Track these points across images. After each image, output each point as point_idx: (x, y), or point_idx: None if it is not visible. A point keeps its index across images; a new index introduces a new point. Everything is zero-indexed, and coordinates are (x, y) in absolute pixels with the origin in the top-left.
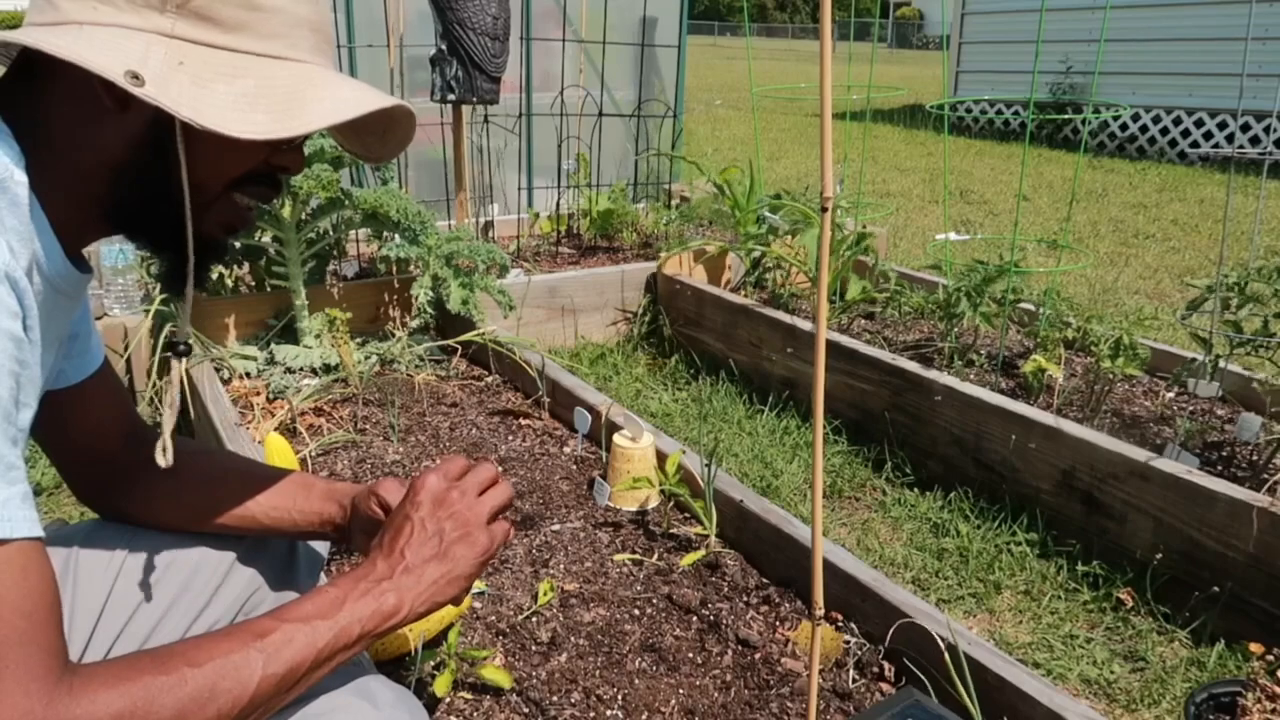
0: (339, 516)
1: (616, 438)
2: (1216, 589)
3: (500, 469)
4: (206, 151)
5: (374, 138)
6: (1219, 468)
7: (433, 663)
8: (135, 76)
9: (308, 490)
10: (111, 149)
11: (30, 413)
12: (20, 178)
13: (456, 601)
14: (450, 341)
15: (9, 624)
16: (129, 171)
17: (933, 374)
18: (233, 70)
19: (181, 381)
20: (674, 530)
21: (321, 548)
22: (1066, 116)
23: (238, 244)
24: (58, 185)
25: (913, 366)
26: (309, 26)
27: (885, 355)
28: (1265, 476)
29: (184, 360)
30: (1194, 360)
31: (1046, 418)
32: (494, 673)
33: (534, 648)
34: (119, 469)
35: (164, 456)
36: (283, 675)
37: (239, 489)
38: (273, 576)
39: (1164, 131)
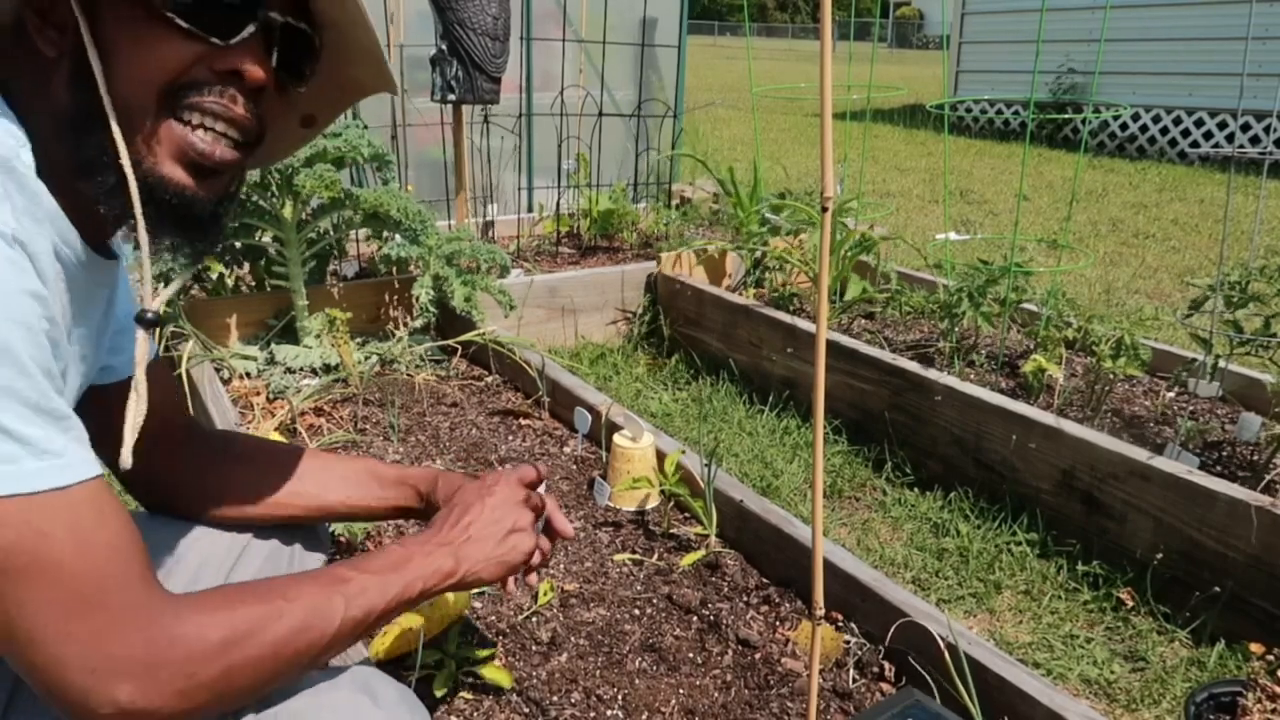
0: (414, 501)
1: (616, 438)
2: (1217, 589)
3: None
4: (122, 62)
5: (368, 59)
6: (1219, 468)
7: (433, 662)
8: None
9: (380, 479)
10: (59, 100)
11: (77, 381)
12: (27, 159)
13: (507, 574)
14: (450, 341)
15: (103, 564)
16: (71, 117)
17: (933, 374)
18: None
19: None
20: (674, 530)
21: (322, 550)
22: (1066, 116)
23: (238, 244)
24: (56, 167)
25: (913, 366)
26: None
27: (885, 355)
28: (1265, 476)
29: (154, 330)
30: (1194, 360)
31: (1047, 418)
32: (494, 673)
33: (534, 648)
34: (179, 462)
35: (127, 457)
36: (359, 619)
37: (313, 479)
38: (271, 577)
39: (1164, 131)
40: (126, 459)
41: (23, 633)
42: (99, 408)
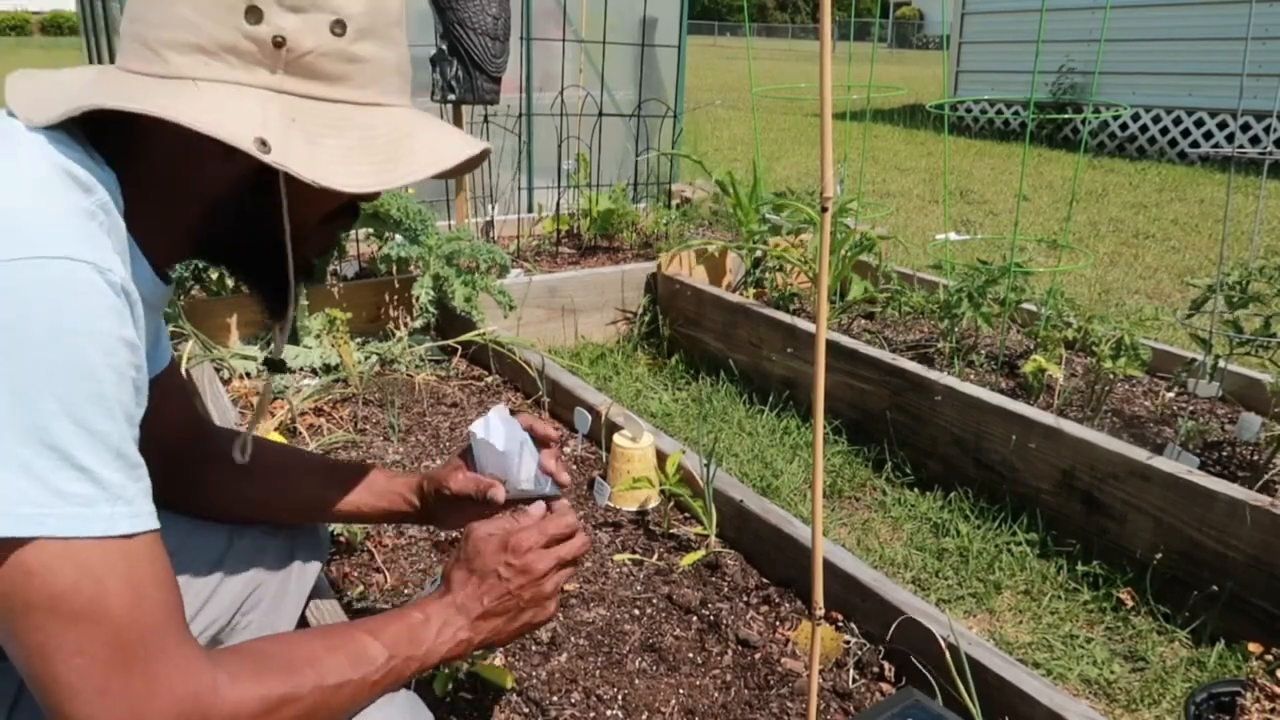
0: (404, 506)
1: (616, 438)
2: (1216, 589)
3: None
4: (306, 193)
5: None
6: (1219, 468)
7: None
8: (263, 143)
9: (370, 485)
10: (211, 187)
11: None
12: (120, 204)
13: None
14: (450, 342)
15: (151, 621)
16: (226, 208)
17: (933, 374)
18: (337, 122)
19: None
20: (674, 530)
21: (321, 555)
22: (1066, 116)
23: None
24: (152, 213)
25: (913, 366)
26: (394, 70)
27: (885, 355)
28: (1265, 476)
29: (277, 374)
30: (1194, 360)
31: (1047, 418)
32: (494, 672)
33: (534, 648)
34: (186, 461)
35: (242, 454)
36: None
37: (310, 482)
38: (271, 576)
39: (1164, 131)
40: (246, 454)
41: (62, 680)
42: None
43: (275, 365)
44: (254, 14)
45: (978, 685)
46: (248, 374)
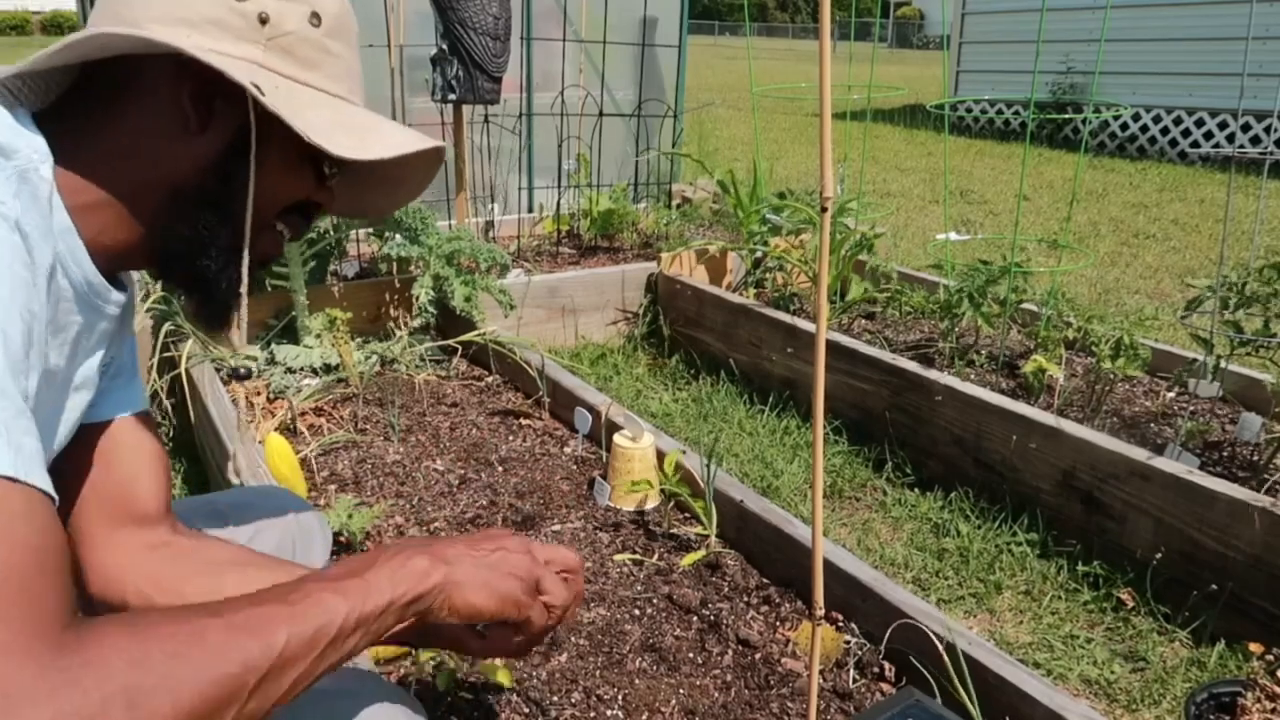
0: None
1: (617, 438)
2: (1216, 589)
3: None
4: (270, 179)
5: (389, 188)
6: (1219, 468)
7: (433, 662)
8: (259, 89)
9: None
10: (179, 169)
11: (34, 381)
12: (45, 174)
13: (504, 603)
14: (451, 341)
15: (16, 562)
16: (189, 193)
17: (933, 374)
18: (312, 102)
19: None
20: (674, 530)
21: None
22: (1067, 116)
23: None
24: (104, 199)
25: (913, 366)
26: (358, 78)
27: (885, 355)
28: (1265, 476)
29: (244, 382)
30: (1194, 360)
31: (1047, 418)
32: (494, 672)
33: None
34: (139, 549)
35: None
36: (309, 637)
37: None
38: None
39: (1164, 131)
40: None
41: None
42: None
43: (235, 374)
44: None
45: (978, 685)
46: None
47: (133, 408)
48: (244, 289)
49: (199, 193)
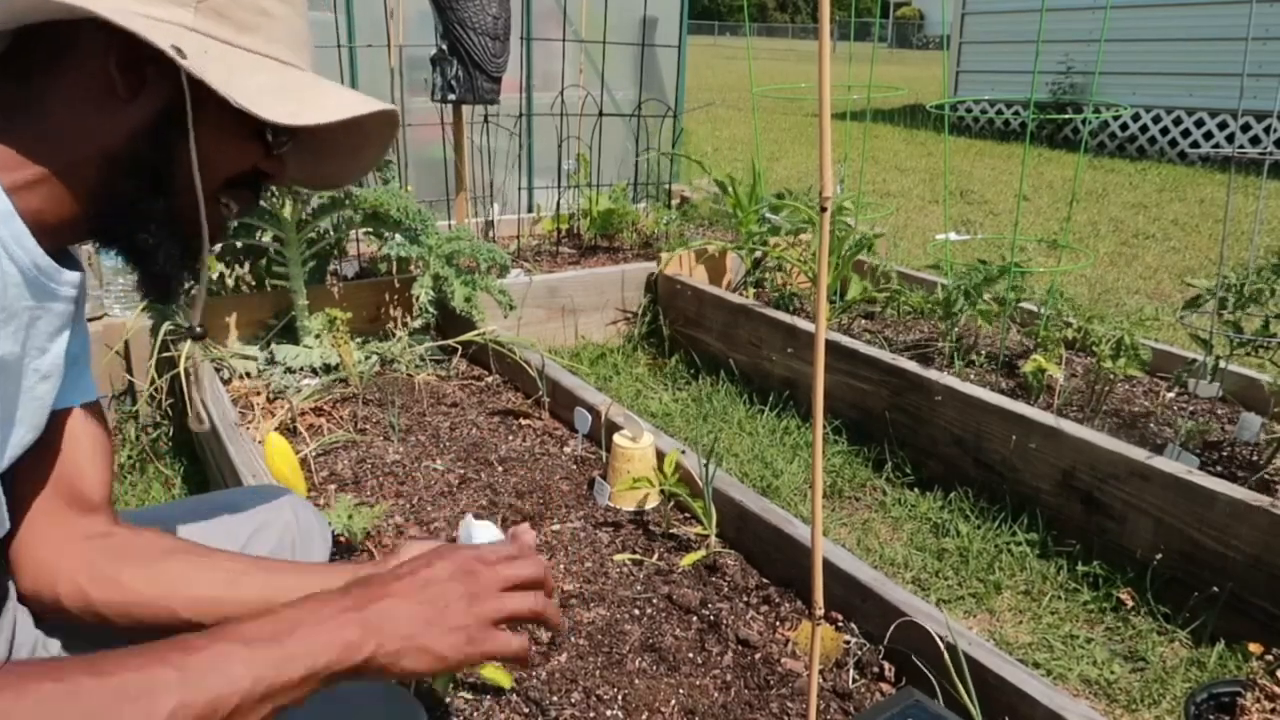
0: None
1: (616, 438)
2: (1216, 589)
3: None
4: (209, 149)
5: (345, 157)
6: (1219, 468)
7: None
8: (179, 51)
9: (280, 589)
10: (111, 138)
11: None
12: None
13: (447, 663)
14: (450, 341)
15: None
16: (124, 164)
17: (933, 374)
18: (250, 66)
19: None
20: (674, 530)
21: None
22: (1066, 116)
23: (239, 243)
24: (40, 174)
25: (913, 366)
26: (303, 41)
27: (885, 355)
28: (1265, 476)
29: (201, 341)
30: (1194, 360)
31: (1047, 418)
32: (494, 672)
33: (534, 648)
34: (88, 547)
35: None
36: (202, 708)
37: (208, 579)
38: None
39: (1164, 131)
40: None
41: None
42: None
43: (195, 334)
44: None
45: (977, 685)
46: (248, 374)
47: (84, 397)
48: (203, 263)
49: (133, 163)
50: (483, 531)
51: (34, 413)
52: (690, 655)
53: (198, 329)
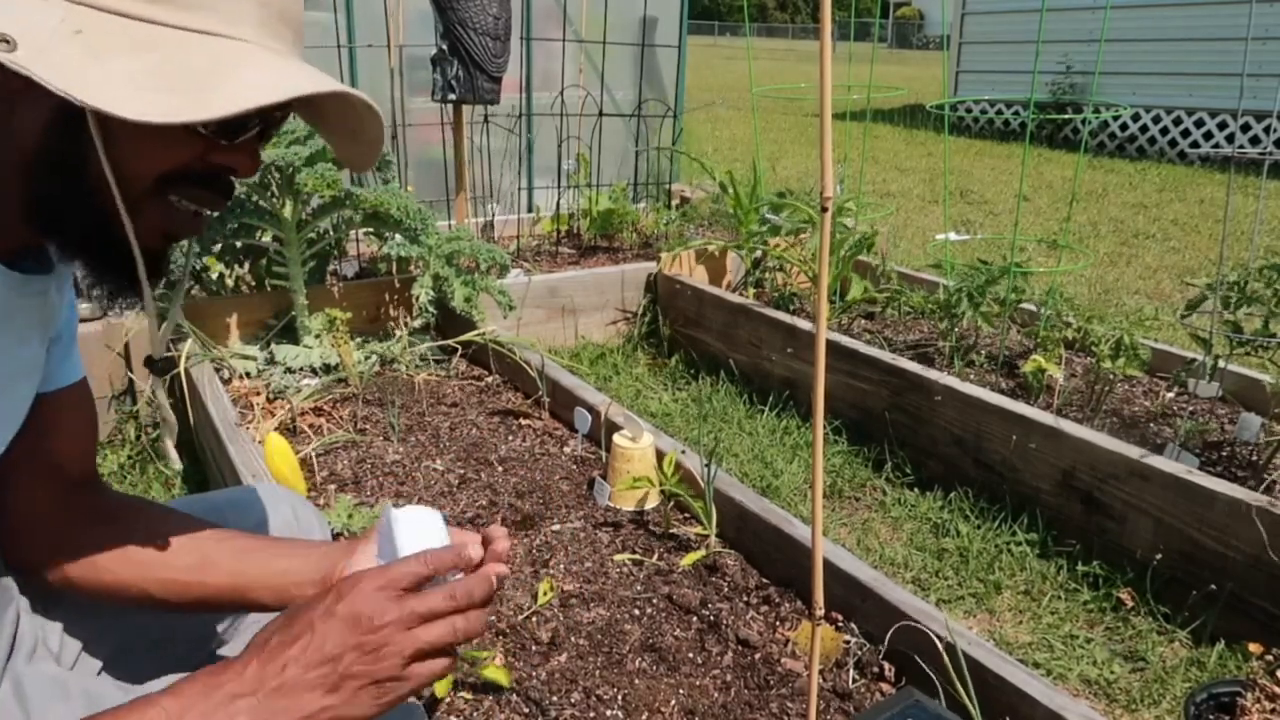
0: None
1: (616, 438)
2: (1216, 589)
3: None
4: (125, 140)
5: (344, 138)
6: (1218, 468)
7: None
8: (5, 40)
9: (278, 567)
10: (24, 135)
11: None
12: None
13: None
14: (450, 341)
15: None
16: (43, 160)
17: (933, 374)
18: (141, 43)
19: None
20: (674, 530)
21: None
22: (1066, 116)
23: (239, 243)
24: None
25: (913, 366)
26: (279, 15)
27: (885, 355)
28: (1265, 476)
29: (164, 376)
30: (1194, 360)
31: (1046, 418)
32: (494, 672)
33: (534, 648)
34: (66, 516)
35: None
36: None
37: (227, 562)
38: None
39: (1164, 131)
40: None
41: None
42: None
43: (155, 366)
44: None
45: (977, 685)
46: (247, 374)
47: (70, 378)
48: (139, 268)
49: (51, 157)
50: (408, 525)
51: (9, 417)
52: (690, 655)
53: (157, 361)
